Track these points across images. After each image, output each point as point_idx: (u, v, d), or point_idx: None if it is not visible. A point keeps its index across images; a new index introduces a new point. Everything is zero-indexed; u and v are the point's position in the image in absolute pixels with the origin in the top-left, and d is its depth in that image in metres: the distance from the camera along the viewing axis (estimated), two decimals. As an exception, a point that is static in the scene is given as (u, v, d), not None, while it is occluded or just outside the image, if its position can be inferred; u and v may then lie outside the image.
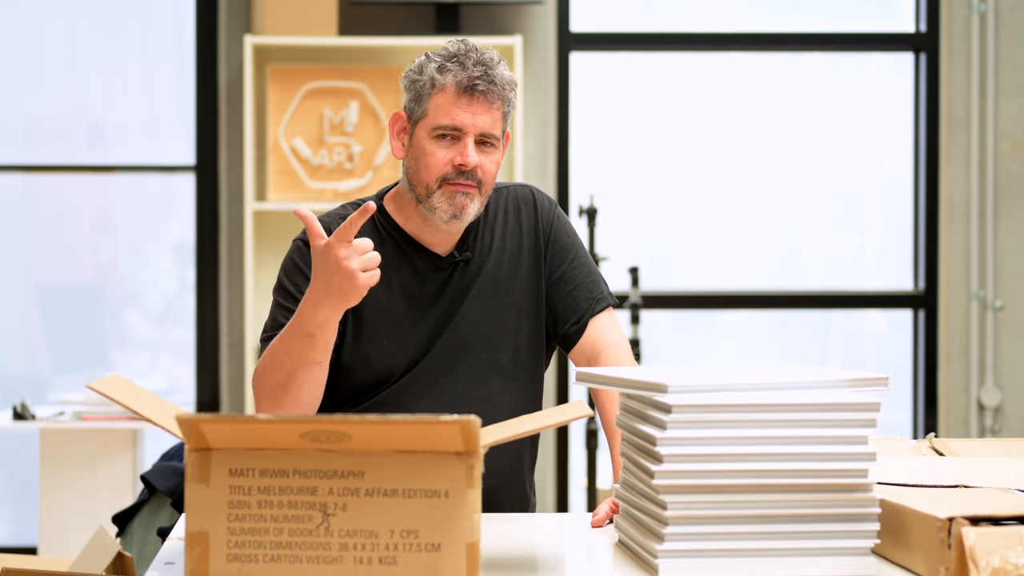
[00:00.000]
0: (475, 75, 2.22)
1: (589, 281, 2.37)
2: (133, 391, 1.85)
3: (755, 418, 1.68)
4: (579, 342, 2.35)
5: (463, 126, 2.23)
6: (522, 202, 2.39)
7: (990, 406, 4.86)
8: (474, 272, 2.33)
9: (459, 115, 2.22)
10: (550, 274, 2.37)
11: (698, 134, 5.07)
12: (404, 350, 2.29)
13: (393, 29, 4.77)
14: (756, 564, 1.69)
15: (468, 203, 2.24)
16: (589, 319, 2.34)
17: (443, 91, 2.23)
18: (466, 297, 2.32)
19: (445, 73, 2.23)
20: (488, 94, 2.23)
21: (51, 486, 4.33)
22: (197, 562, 1.56)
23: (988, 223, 4.87)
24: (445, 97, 2.23)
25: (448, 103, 2.23)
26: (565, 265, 2.37)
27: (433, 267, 2.32)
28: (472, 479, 1.55)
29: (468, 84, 2.22)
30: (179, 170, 4.94)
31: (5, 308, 5.04)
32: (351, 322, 2.29)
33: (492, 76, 2.24)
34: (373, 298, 2.28)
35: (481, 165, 2.24)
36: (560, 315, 2.36)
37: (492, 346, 2.32)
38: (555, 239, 2.38)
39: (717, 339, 5.19)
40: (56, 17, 5.01)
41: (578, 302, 2.35)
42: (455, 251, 2.32)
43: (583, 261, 2.39)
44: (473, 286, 2.32)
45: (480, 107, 2.23)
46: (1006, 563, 1.54)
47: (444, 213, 2.24)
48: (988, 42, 4.88)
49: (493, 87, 2.23)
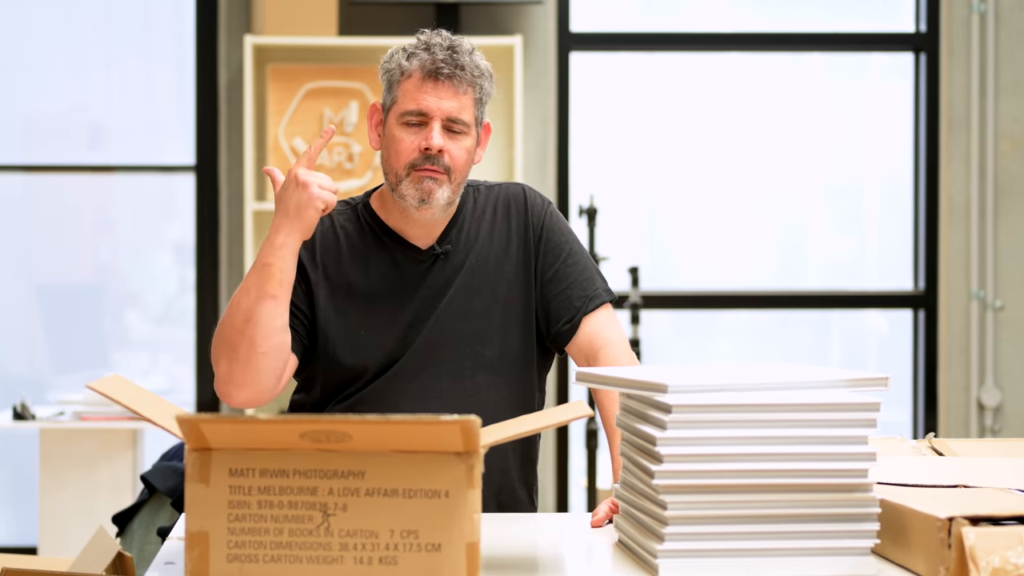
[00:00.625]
0: (440, 59, 2.23)
1: (584, 279, 2.36)
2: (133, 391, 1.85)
3: (755, 418, 1.68)
4: (575, 340, 2.34)
5: (428, 110, 2.24)
6: (512, 200, 2.39)
7: (990, 406, 4.86)
8: (456, 266, 2.33)
9: (424, 99, 2.24)
10: (543, 272, 2.36)
11: (698, 134, 5.07)
12: (384, 340, 2.29)
13: (393, 29, 4.76)
14: (756, 564, 1.69)
15: (435, 188, 2.24)
16: (583, 317, 2.33)
17: (410, 77, 2.25)
18: (448, 290, 2.32)
19: (412, 59, 2.26)
20: (454, 78, 2.24)
21: (51, 486, 4.33)
22: (197, 562, 1.56)
23: (988, 223, 4.87)
24: (412, 83, 2.25)
25: (414, 88, 2.25)
26: (558, 263, 2.36)
27: (412, 259, 2.32)
28: (472, 479, 1.55)
29: (433, 68, 2.23)
30: (179, 170, 4.94)
31: (5, 308, 5.04)
32: (331, 311, 2.29)
33: (458, 61, 2.24)
34: (352, 288, 2.30)
35: (448, 150, 2.24)
36: (553, 313, 2.35)
37: (477, 341, 2.31)
38: (547, 237, 2.37)
39: (717, 339, 5.19)
40: (56, 17, 5.01)
41: (571, 300, 2.34)
42: (435, 244, 2.33)
43: (577, 259, 2.37)
44: (455, 280, 2.32)
45: (446, 91, 2.24)
46: (1006, 563, 1.54)
47: (412, 199, 2.25)
48: (988, 42, 4.88)
49: (459, 71, 2.24)
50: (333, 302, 2.29)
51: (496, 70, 2.36)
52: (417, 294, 2.31)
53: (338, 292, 2.30)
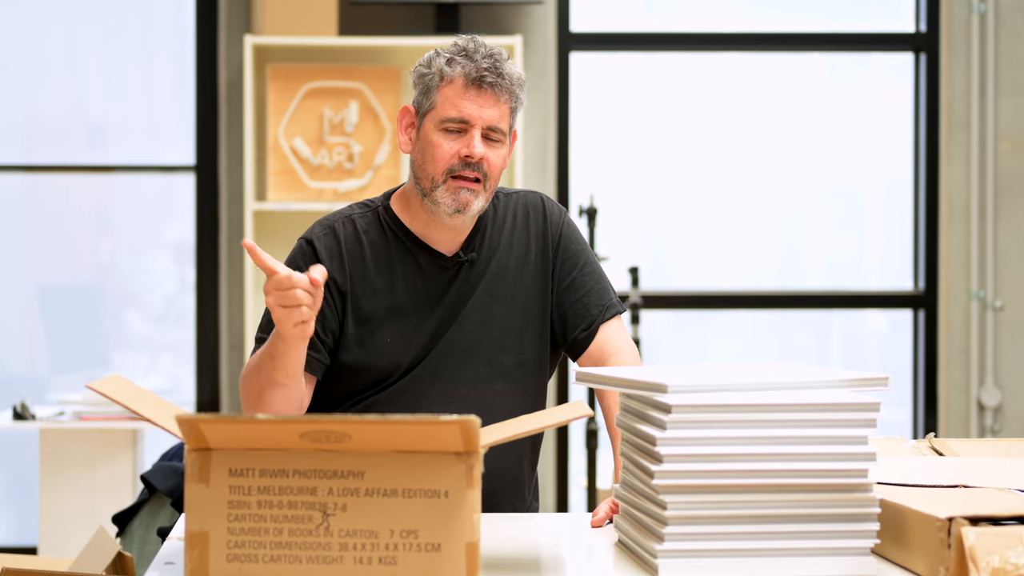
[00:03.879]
0: (483, 67, 2.23)
1: (599, 288, 2.38)
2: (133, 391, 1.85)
3: (755, 418, 1.68)
4: (588, 349, 2.35)
5: (470, 118, 2.23)
6: (531, 208, 2.40)
7: (990, 406, 4.86)
8: (479, 273, 2.33)
9: (466, 107, 2.23)
10: (559, 280, 2.37)
11: (698, 134, 5.07)
12: (407, 348, 2.29)
13: (393, 29, 4.76)
14: (756, 564, 1.69)
15: (472, 199, 2.25)
16: (600, 325, 2.35)
17: (451, 83, 2.24)
18: (470, 298, 2.32)
19: (454, 66, 2.24)
20: (496, 87, 2.24)
21: (51, 486, 4.33)
22: (197, 562, 1.56)
23: (988, 223, 4.87)
24: (453, 89, 2.24)
25: (456, 95, 2.24)
26: (576, 272, 2.37)
27: (438, 266, 2.32)
28: (472, 479, 1.55)
29: (476, 76, 2.23)
30: (179, 170, 4.94)
31: (5, 308, 5.04)
32: (353, 318, 2.29)
33: (500, 70, 2.24)
34: (377, 295, 2.29)
35: (487, 158, 2.24)
36: (570, 321, 2.36)
37: (496, 348, 2.32)
38: (565, 246, 2.38)
39: (717, 339, 5.19)
40: (56, 17, 5.01)
41: (588, 308, 2.35)
42: (460, 251, 2.33)
43: (593, 268, 2.39)
44: (478, 287, 2.32)
45: (487, 100, 2.24)
46: (1006, 563, 1.54)
47: (448, 207, 2.25)
48: (988, 42, 4.88)
49: (501, 80, 2.24)
50: (361, 310, 2.29)
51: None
52: (443, 302, 2.31)
53: (364, 299, 2.30)
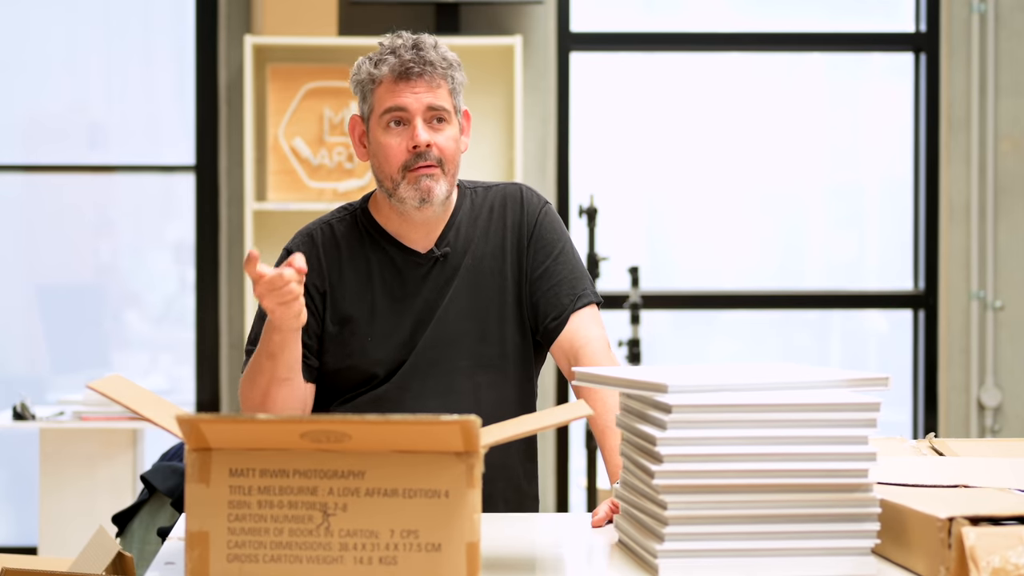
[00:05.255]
0: (407, 59, 2.27)
1: (572, 278, 2.37)
2: (133, 391, 1.86)
3: (755, 418, 1.68)
4: (559, 338, 2.35)
5: (407, 106, 2.26)
6: (509, 198, 2.41)
7: (990, 406, 4.86)
8: (455, 266, 2.35)
9: (401, 98, 2.27)
10: (533, 269, 2.37)
11: (698, 134, 5.07)
12: (389, 346, 2.31)
13: (393, 29, 4.75)
14: (756, 564, 1.69)
15: (433, 184, 2.27)
16: (571, 314, 2.35)
17: (382, 83, 2.29)
18: (448, 291, 2.34)
19: (381, 66, 2.29)
20: (425, 75, 2.27)
21: (51, 486, 4.33)
22: (197, 562, 1.56)
23: (988, 223, 4.87)
24: (385, 87, 2.29)
25: (388, 92, 2.28)
26: (549, 261, 2.37)
27: (412, 263, 2.34)
28: (472, 479, 1.55)
29: (402, 69, 2.27)
30: (179, 170, 4.94)
31: (5, 308, 5.04)
32: (333, 320, 2.32)
33: (425, 57, 2.28)
34: (355, 296, 2.32)
35: (435, 143, 2.27)
36: (541, 309, 2.36)
37: (477, 340, 2.33)
38: (539, 234, 2.38)
39: (717, 339, 5.19)
40: (56, 17, 5.01)
41: (559, 297, 2.36)
42: (434, 247, 2.34)
43: (568, 258, 2.39)
44: (454, 280, 2.34)
45: (420, 87, 2.27)
46: (1006, 563, 1.54)
47: (413, 200, 2.28)
48: (988, 42, 4.88)
49: (429, 67, 2.28)
50: (340, 311, 2.32)
51: (496, 70, 2.37)
52: (419, 297, 2.33)
53: (343, 301, 2.33)
